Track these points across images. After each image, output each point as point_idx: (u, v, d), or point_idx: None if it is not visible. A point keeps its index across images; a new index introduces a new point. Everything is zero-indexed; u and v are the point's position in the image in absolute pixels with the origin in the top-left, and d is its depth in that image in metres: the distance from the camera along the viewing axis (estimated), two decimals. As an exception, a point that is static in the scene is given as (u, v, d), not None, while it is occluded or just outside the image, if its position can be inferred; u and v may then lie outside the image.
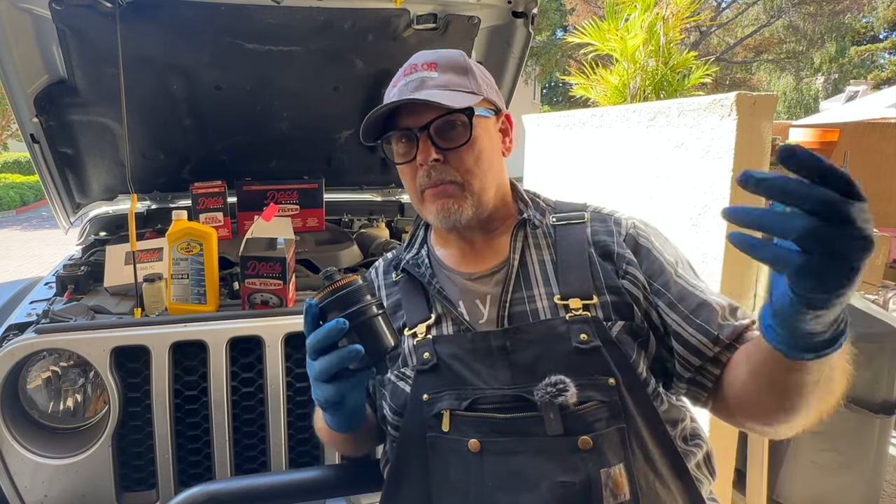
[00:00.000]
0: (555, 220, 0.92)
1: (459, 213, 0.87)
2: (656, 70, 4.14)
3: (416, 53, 0.91)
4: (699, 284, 0.85)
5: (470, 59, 0.91)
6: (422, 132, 0.85)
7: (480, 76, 0.90)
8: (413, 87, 0.86)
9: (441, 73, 0.86)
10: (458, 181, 0.86)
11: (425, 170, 0.86)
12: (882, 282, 3.47)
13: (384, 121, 0.88)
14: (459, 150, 0.85)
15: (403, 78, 0.88)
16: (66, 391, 1.37)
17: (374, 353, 0.74)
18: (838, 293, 0.50)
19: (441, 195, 0.87)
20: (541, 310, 0.82)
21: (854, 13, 18.87)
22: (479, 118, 0.86)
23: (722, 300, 0.83)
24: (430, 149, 0.85)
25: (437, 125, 0.84)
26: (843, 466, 1.98)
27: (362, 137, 0.89)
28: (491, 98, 0.90)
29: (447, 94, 0.84)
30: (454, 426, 0.78)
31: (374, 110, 0.85)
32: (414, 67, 0.88)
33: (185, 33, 1.77)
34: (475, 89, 0.87)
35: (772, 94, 1.61)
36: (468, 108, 0.83)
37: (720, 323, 0.80)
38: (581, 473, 0.72)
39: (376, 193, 2.71)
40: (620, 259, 0.85)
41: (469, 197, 0.87)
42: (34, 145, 1.92)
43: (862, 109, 7.06)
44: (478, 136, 0.86)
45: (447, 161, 0.85)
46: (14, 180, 14.25)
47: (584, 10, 16.89)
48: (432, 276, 0.91)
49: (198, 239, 1.45)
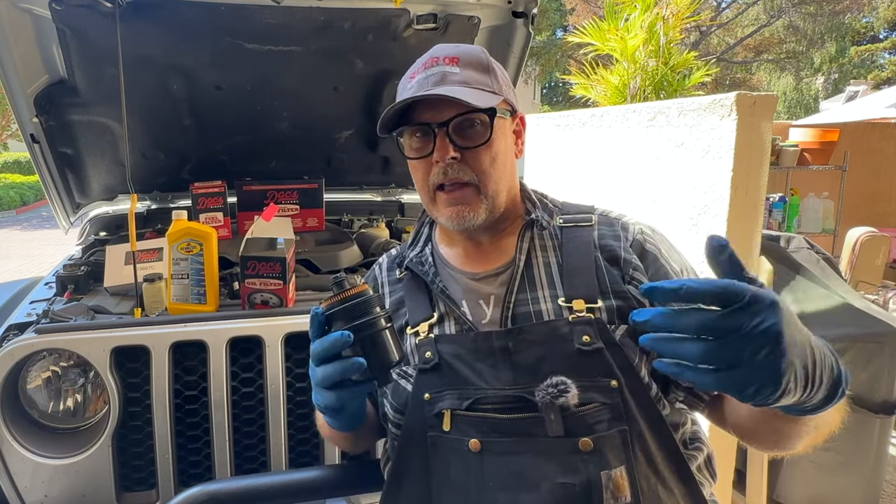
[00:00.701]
0: (561, 222, 0.91)
1: (474, 219, 0.86)
2: (656, 70, 4.14)
3: (435, 46, 0.89)
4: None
5: (491, 58, 0.89)
6: (441, 128, 0.83)
7: (501, 76, 0.89)
8: (434, 82, 0.83)
9: (463, 69, 0.85)
10: (474, 182, 0.85)
11: (441, 167, 0.84)
12: (882, 282, 3.47)
13: (400, 113, 0.86)
14: (478, 150, 0.84)
15: (423, 71, 0.86)
16: (66, 391, 1.37)
17: (378, 366, 0.73)
18: (772, 389, 0.50)
19: (456, 201, 0.85)
20: (545, 311, 0.82)
21: (854, 13, 18.87)
22: (498, 119, 0.85)
23: None
24: (448, 146, 0.83)
25: (457, 123, 0.83)
26: (843, 466, 1.98)
27: (379, 129, 0.87)
28: (509, 98, 0.89)
29: (470, 91, 0.82)
30: (455, 426, 0.78)
31: (395, 104, 0.83)
32: (435, 61, 0.86)
33: (185, 33, 1.77)
34: (496, 89, 0.86)
35: (772, 94, 1.61)
36: (491, 108, 0.82)
37: None
38: (581, 475, 0.72)
39: (376, 193, 2.71)
40: (627, 265, 0.85)
41: (484, 200, 0.85)
42: (34, 145, 1.92)
43: (862, 109, 7.05)
44: (496, 138, 0.85)
45: (464, 160, 0.84)
46: (14, 180, 14.25)
47: (584, 10, 16.89)
48: (436, 275, 0.90)
49: (198, 239, 1.45)
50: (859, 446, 1.98)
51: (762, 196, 1.60)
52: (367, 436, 0.99)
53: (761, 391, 0.50)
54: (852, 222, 3.80)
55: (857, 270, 3.45)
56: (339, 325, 0.72)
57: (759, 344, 0.48)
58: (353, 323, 0.72)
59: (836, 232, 4.05)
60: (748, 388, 0.50)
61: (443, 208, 0.87)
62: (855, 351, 1.91)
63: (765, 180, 1.59)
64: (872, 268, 3.46)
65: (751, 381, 0.49)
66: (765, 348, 0.49)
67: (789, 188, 4.08)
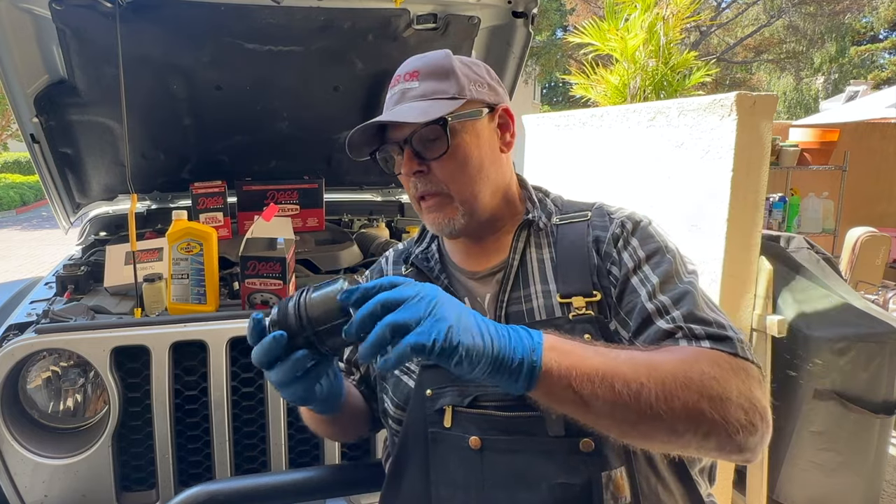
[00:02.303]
0: (558, 220, 0.91)
1: (452, 225, 0.86)
2: (656, 70, 4.14)
3: (406, 60, 0.90)
4: (653, 279, 0.79)
5: (456, 58, 0.88)
6: (406, 145, 0.85)
7: (466, 75, 0.87)
8: (394, 101, 0.86)
9: (422, 82, 0.85)
10: (444, 191, 0.85)
11: (412, 181, 0.87)
12: (882, 282, 3.47)
13: (381, 131, 0.89)
14: (441, 161, 0.84)
15: (390, 90, 0.89)
16: (66, 391, 1.37)
17: (329, 347, 0.69)
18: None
19: (432, 209, 0.87)
20: (536, 308, 0.82)
21: (854, 13, 18.86)
22: (462, 123, 0.84)
23: (668, 299, 0.77)
24: (412, 161, 0.85)
25: (416, 137, 0.83)
26: (843, 466, 1.98)
27: (350, 152, 0.89)
28: (480, 97, 0.87)
29: (421, 105, 0.82)
30: (456, 422, 0.79)
31: (353, 130, 0.86)
32: (398, 79, 0.88)
33: (185, 33, 1.77)
34: (457, 93, 0.84)
35: (772, 94, 1.61)
36: (439, 118, 0.81)
37: (643, 306, 0.76)
38: (582, 475, 0.72)
39: (376, 193, 2.71)
40: (607, 257, 0.83)
41: (459, 207, 0.86)
42: (34, 145, 1.92)
43: (862, 109, 7.05)
44: (460, 143, 0.84)
45: (431, 171, 0.85)
46: (14, 180, 14.24)
47: (584, 10, 16.88)
48: (440, 272, 0.91)
49: (198, 239, 1.45)
50: (859, 446, 1.98)
51: (762, 196, 1.60)
52: (352, 422, 0.97)
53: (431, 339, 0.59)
54: (852, 222, 3.80)
55: (857, 270, 3.45)
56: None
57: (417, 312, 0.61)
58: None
59: (836, 232, 4.04)
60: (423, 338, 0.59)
61: (425, 216, 0.89)
62: (855, 351, 1.91)
63: (765, 180, 1.59)
64: (872, 268, 3.46)
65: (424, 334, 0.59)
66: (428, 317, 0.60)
67: (789, 188, 4.08)
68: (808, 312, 1.99)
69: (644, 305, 0.76)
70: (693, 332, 0.72)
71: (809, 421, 1.95)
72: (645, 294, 0.77)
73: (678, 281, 0.78)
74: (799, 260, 2.17)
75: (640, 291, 0.78)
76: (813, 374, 1.93)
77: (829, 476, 1.99)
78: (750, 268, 1.62)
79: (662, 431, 0.64)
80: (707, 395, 0.63)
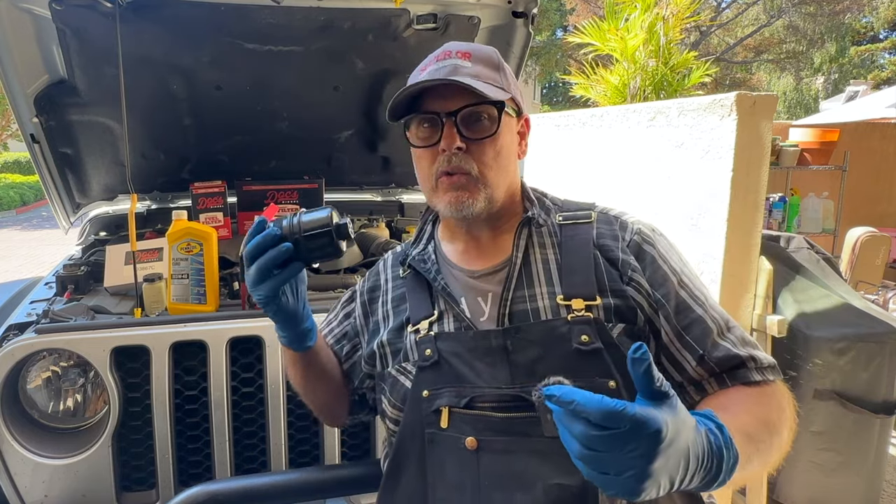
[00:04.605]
0: (560, 220, 0.92)
1: (472, 206, 0.86)
2: (656, 70, 4.14)
3: (448, 42, 0.91)
4: (700, 296, 0.84)
5: (502, 59, 0.91)
6: (449, 118, 0.84)
7: (511, 76, 0.91)
8: (446, 73, 0.84)
9: (475, 64, 0.86)
10: (475, 173, 0.85)
11: (446, 156, 0.85)
12: (882, 282, 3.47)
13: (409, 102, 0.87)
14: (483, 143, 0.85)
15: (435, 63, 0.87)
16: (66, 391, 1.37)
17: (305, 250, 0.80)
18: (630, 498, 0.54)
19: (455, 187, 0.86)
20: (542, 309, 0.82)
21: (854, 13, 18.86)
22: (507, 115, 0.87)
23: (720, 317, 0.83)
24: (455, 136, 0.84)
25: (465, 113, 0.83)
26: (843, 466, 1.98)
27: (388, 116, 0.88)
28: (517, 99, 0.90)
29: (481, 84, 0.83)
30: (452, 423, 0.79)
31: (406, 87, 0.84)
32: (448, 54, 0.87)
33: (185, 33, 1.77)
34: (506, 86, 0.87)
35: (772, 94, 1.61)
36: (501, 101, 0.84)
37: (715, 341, 0.80)
38: (578, 476, 0.71)
39: (376, 193, 2.71)
40: (625, 265, 0.84)
41: (483, 189, 0.86)
42: (34, 145, 1.92)
43: (862, 109, 7.05)
44: (502, 133, 0.86)
45: (469, 151, 0.85)
46: (14, 180, 14.24)
47: (584, 10, 16.89)
48: (437, 272, 0.91)
49: (198, 239, 1.45)
50: (859, 446, 1.98)
51: (762, 196, 1.60)
52: (330, 389, 0.99)
53: (620, 495, 0.54)
54: (852, 222, 3.80)
55: (857, 270, 3.45)
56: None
57: (626, 467, 0.52)
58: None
59: (836, 232, 4.04)
60: (609, 490, 0.54)
61: (443, 194, 0.87)
62: (855, 351, 1.91)
63: (765, 180, 1.59)
64: (872, 268, 3.46)
65: (612, 487, 0.54)
66: (630, 471, 0.52)
67: (789, 188, 4.08)
68: (808, 312, 1.99)
69: (708, 326, 0.81)
70: (761, 364, 0.79)
71: (809, 421, 1.94)
72: (706, 317, 0.82)
73: (706, 291, 0.86)
74: (799, 260, 2.17)
75: (696, 310, 0.82)
76: (813, 374, 1.93)
77: (829, 476, 1.99)
78: (750, 268, 1.62)
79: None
80: (788, 440, 0.74)
